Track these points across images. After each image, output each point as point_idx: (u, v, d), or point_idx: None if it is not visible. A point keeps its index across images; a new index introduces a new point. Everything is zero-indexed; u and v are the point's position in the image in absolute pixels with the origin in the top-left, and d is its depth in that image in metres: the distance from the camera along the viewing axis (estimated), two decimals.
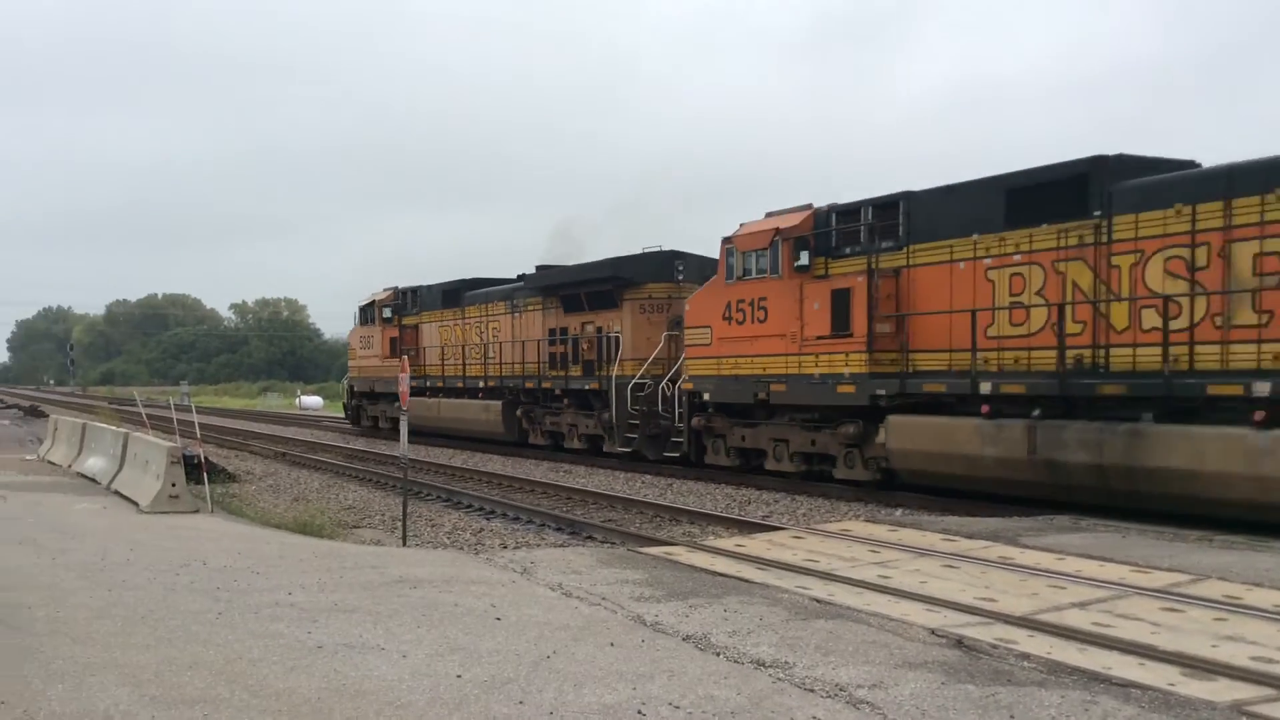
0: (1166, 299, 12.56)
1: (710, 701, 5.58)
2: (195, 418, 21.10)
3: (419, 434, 29.85)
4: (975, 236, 15.10)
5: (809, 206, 18.08)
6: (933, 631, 7.10)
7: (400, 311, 34.80)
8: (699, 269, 22.91)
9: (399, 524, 14.30)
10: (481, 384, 29.29)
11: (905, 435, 15.61)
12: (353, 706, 5.50)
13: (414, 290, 34.49)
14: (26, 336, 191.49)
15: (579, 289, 25.11)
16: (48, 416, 36.91)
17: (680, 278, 23.42)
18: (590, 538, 13.98)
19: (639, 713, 5.41)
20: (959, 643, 6.79)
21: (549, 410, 26.14)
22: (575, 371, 25.05)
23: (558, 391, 25.56)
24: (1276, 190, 11.71)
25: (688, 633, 7.14)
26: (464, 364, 30.64)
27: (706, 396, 20.07)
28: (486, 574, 9.52)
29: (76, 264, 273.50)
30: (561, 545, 13.22)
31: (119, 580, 9.10)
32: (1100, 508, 12.96)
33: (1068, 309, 13.75)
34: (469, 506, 17.44)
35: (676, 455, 21.03)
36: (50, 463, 22.31)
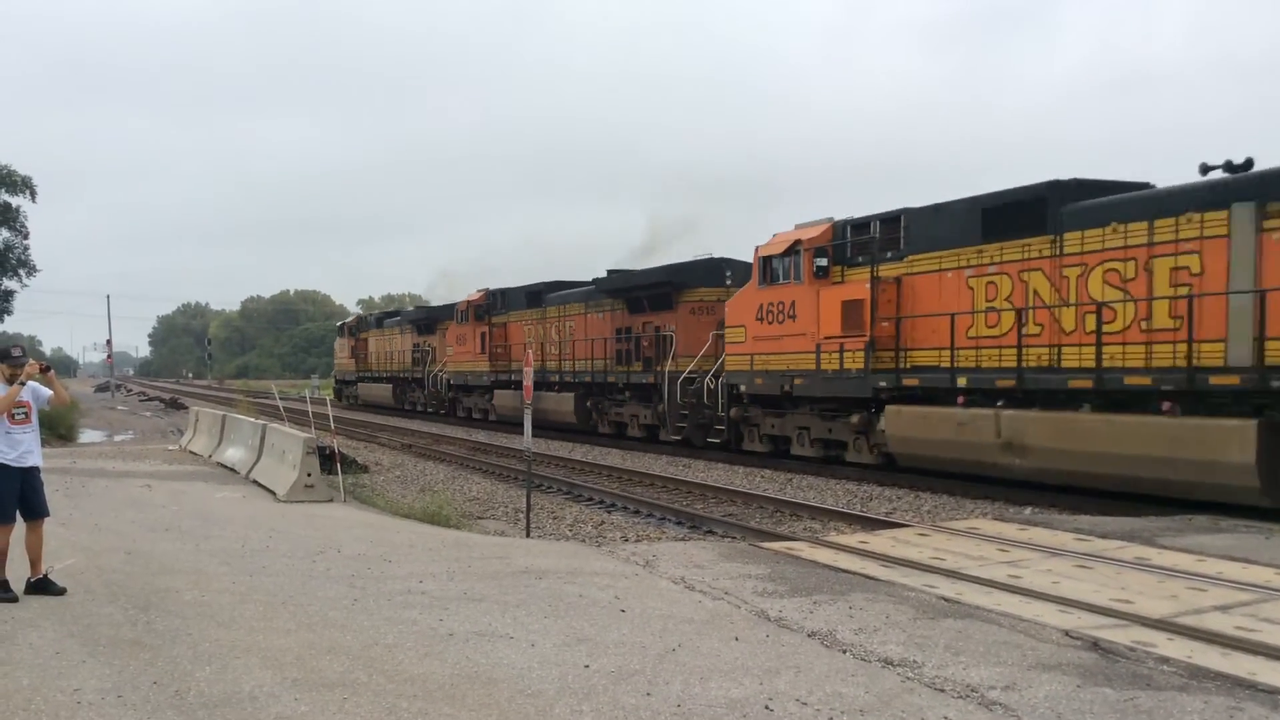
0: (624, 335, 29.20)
1: (838, 699, 5.55)
2: (329, 410, 21.74)
3: (374, 407, 49.26)
4: (580, 305, 31.02)
5: (502, 285, 38.02)
6: (1067, 633, 6.92)
7: (357, 330, 54.12)
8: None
9: (522, 515, 14.53)
10: (385, 374, 49.29)
11: (500, 399, 33.39)
12: (485, 693, 5.63)
13: (365, 317, 55.71)
14: (166, 331, 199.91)
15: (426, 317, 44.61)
16: (188, 409, 38.49)
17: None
18: (711, 532, 13.98)
19: (766, 708, 5.40)
20: (1094, 645, 6.61)
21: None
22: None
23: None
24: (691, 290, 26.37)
25: (813, 629, 7.10)
26: (382, 365, 49.90)
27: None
28: (609, 566, 9.62)
29: (214, 262, 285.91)
30: (682, 539, 13.26)
31: (259, 566, 9.46)
32: (1245, 509, 12.48)
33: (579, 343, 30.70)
34: (589, 499, 17.62)
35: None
36: (191, 453, 23.27)
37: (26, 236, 49.53)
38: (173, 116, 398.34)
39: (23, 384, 8.09)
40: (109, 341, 76.09)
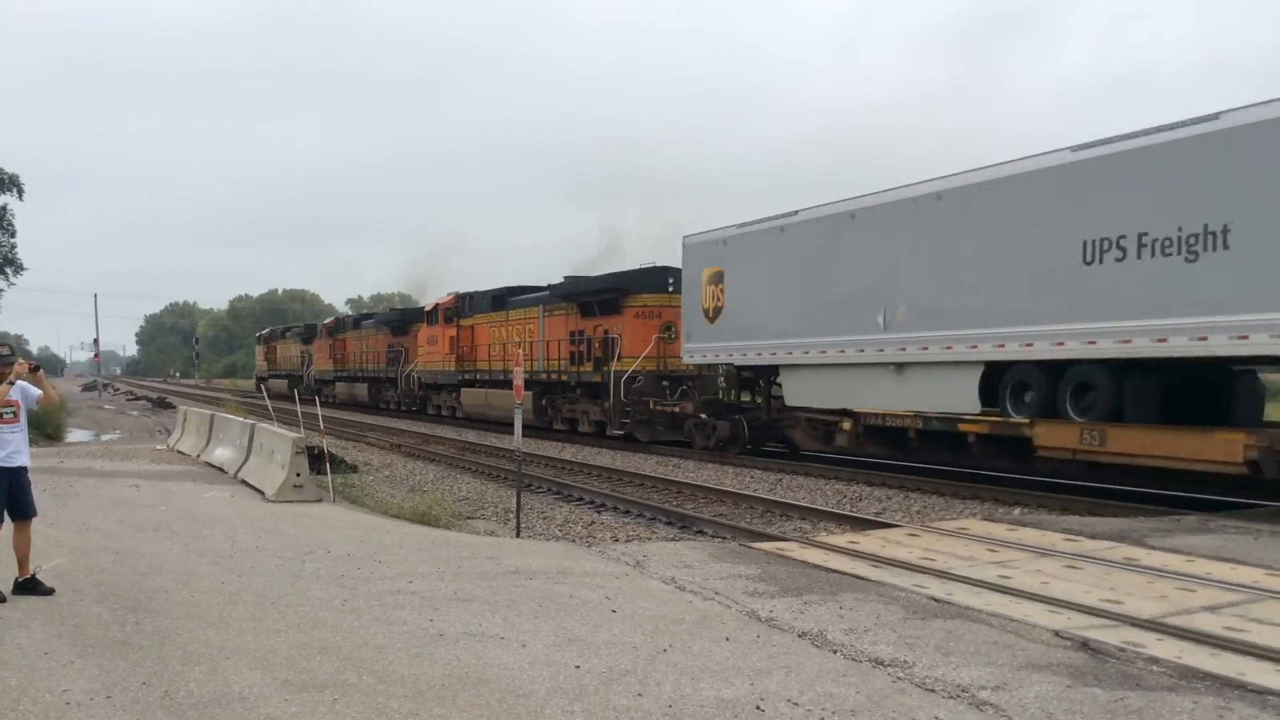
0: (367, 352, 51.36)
1: (829, 699, 5.55)
2: (319, 410, 21.67)
3: (278, 396, 53.23)
4: (355, 331, 52.88)
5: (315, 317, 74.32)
6: (1056, 633, 6.93)
7: (270, 340, 70.71)
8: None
9: (512, 515, 14.51)
10: (284, 372, 65.00)
11: (338, 388, 53.34)
12: (475, 694, 5.62)
13: (275, 330, 72.47)
14: (154, 330, 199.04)
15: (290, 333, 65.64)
16: (175, 408, 38.36)
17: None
18: (701, 532, 13.99)
19: (757, 708, 5.41)
20: (1084, 645, 6.62)
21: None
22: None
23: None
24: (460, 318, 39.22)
25: (803, 629, 7.10)
26: (283, 365, 66.37)
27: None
28: (600, 566, 9.61)
29: (203, 261, 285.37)
30: (673, 539, 13.25)
31: (249, 566, 9.43)
32: (1229, 507, 12.61)
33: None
34: (579, 499, 17.60)
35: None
36: (179, 452, 23.20)
37: (13, 235, 49.37)
38: (170, 116, 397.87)
39: (11, 383, 8.05)
40: (96, 340, 75.79)
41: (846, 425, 18.80)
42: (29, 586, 8.01)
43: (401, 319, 46.62)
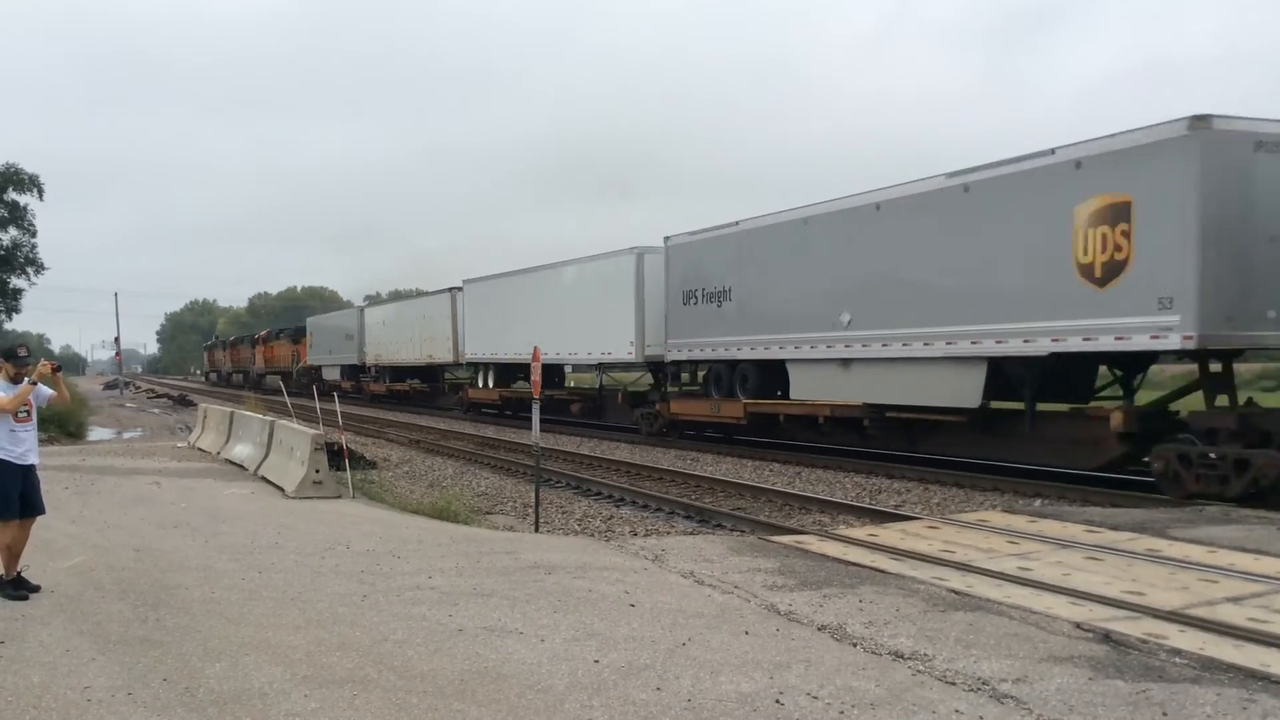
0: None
1: (849, 692, 5.53)
2: (338, 406, 21.73)
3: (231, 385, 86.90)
4: (252, 344, 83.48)
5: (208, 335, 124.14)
6: (1078, 625, 6.89)
7: (212, 347, 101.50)
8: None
9: (531, 510, 14.51)
10: (220, 371, 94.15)
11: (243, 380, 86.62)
12: (495, 688, 5.62)
13: (218, 338, 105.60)
14: (174, 328, 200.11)
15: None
16: (196, 405, 38.57)
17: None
18: (720, 526, 13.97)
19: (777, 702, 5.39)
20: (1106, 637, 6.58)
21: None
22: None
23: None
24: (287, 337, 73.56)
25: (823, 622, 7.08)
26: (218, 366, 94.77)
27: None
28: (618, 561, 9.60)
29: (224, 260, 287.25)
30: (692, 533, 13.23)
31: (268, 563, 9.47)
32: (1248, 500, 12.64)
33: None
34: (598, 494, 17.59)
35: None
36: (200, 449, 23.29)
37: (34, 235, 49.73)
38: (191, 117, 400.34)
39: (34, 383, 8.09)
40: (117, 339, 76.28)
41: (347, 385, 51.72)
42: (17, 583, 8.05)
43: (245, 338, 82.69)
